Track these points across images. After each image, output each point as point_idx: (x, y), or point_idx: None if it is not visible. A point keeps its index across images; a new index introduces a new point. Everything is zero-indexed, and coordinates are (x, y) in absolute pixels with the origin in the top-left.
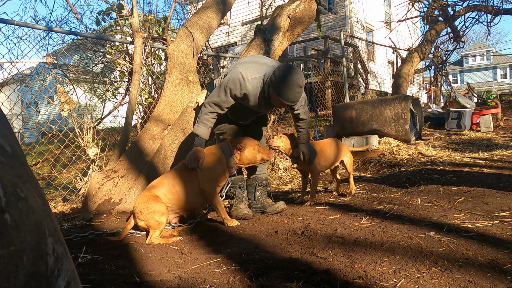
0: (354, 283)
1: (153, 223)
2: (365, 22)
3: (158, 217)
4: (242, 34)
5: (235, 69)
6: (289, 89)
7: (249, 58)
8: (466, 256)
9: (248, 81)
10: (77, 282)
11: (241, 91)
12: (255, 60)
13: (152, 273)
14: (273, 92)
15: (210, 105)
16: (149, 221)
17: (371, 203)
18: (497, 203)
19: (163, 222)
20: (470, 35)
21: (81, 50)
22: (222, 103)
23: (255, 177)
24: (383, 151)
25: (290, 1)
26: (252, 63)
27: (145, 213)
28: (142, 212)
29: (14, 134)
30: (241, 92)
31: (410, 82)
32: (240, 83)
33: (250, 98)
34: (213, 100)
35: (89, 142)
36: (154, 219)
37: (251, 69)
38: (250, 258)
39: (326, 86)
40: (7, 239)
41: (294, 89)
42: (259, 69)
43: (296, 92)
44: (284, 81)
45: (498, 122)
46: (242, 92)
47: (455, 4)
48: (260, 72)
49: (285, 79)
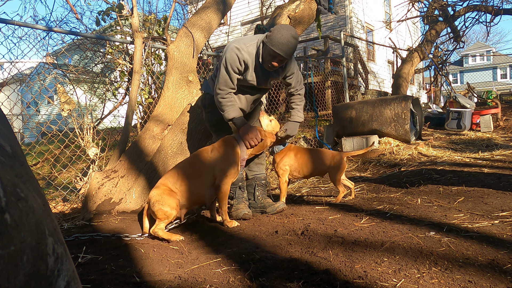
0: (354, 283)
1: (161, 214)
2: (365, 22)
3: (167, 209)
4: (242, 34)
5: (228, 47)
6: (282, 37)
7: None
8: (466, 256)
9: (243, 50)
10: (77, 282)
11: (240, 62)
12: (246, 37)
13: (152, 273)
14: (266, 46)
15: (220, 89)
16: (158, 212)
17: (371, 203)
18: (497, 203)
19: (171, 216)
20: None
21: (81, 50)
22: (228, 80)
23: (254, 178)
24: (383, 151)
25: (290, 1)
26: (243, 38)
27: (156, 204)
28: (154, 203)
29: (14, 134)
30: (240, 62)
31: (410, 82)
32: (237, 55)
33: (249, 67)
34: (219, 85)
35: (89, 142)
36: (163, 211)
37: (243, 40)
38: (250, 258)
39: (326, 86)
40: (7, 239)
41: (287, 38)
42: (252, 38)
43: (289, 42)
44: (277, 31)
45: (498, 122)
46: (241, 62)
47: (455, 4)
48: (253, 40)
49: (279, 30)
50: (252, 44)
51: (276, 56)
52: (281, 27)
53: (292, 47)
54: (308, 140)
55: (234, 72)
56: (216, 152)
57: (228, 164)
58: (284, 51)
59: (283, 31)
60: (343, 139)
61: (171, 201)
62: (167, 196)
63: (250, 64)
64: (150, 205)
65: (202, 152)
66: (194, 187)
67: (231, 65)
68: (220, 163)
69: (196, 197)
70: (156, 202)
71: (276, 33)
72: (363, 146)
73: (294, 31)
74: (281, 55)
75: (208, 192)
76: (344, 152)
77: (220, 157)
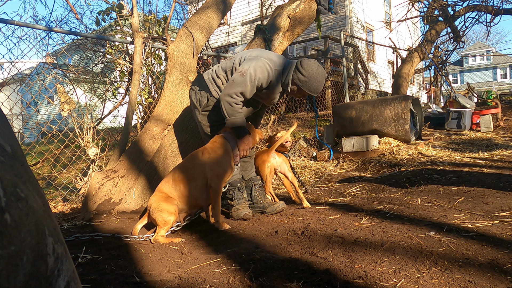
0: (354, 283)
1: (160, 221)
2: (365, 22)
3: (166, 216)
4: (242, 34)
5: (259, 60)
6: (317, 81)
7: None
8: (466, 256)
9: (274, 71)
10: (77, 282)
11: (268, 80)
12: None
13: (152, 273)
14: (301, 87)
15: (237, 95)
16: (157, 219)
17: (371, 203)
18: (497, 203)
19: (170, 221)
20: (470, 35)
21: (81, 50)
22: (248, 92)
23: (250, 179)
24: (383, 151)
25: (290, 1)
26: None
27: (155, 211)
28: (153, 211)
29: (14, 134)
30: (268, 81)
31: (410, 82)
32: (268, 73)
33: (271, 88)
34: (239, 89)
35: (89, 142)
36: (161, 218)
37: (273, 60)
38: (250, 258)
39: (326, 86)
40: (7, 239)
41: (321, 81)
42: (279, 62)
43: (322, 83)
44: (313, 75)
45: (498, 122)
46: (268, 81)
47: (455, 4)
48: (280, 65)
49: (314, 75)
50: (278, 70)
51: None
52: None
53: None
54: (308, 140)
55: (257, 86)
56: (207, 153)
57: (218, 164)
58: (318, 92)
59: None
60: (343, 139)
61: (168, 207)
62: (164, 202)
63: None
64: (150, 212)
65: (194, 154)
66: (189, 190)
67: (260, 78)
68: (211, 164)
69: (193, 201)
70: (154, 210)
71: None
72: (363, 146)
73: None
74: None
75: (203, 195)
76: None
77: (210, 158)
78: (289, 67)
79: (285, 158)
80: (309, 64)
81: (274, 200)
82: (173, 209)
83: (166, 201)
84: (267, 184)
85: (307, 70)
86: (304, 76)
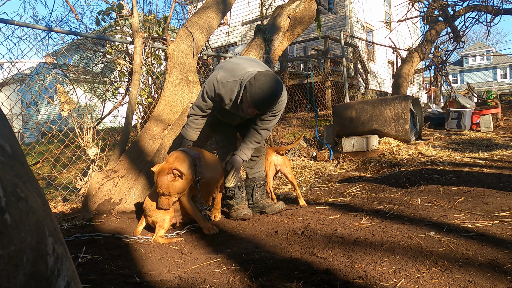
0: (354, 283)
1: (158, 219)
2: (365, 22)
3: (161, 214)
4: (242, 34)
5: (214, 72)
6: (261, 92)
7: (233, 61)
8: (466, 256)
9: (221, 83)
10: (77, 282)
11: (215, 93)
12: (238, 63)
13: (152, 273)
14: (245, 94)
15: (193, 108)
16: (154, 217)
17: (371, 203)
18: (497, 203)
19: (167, 219)
20: (470, 35)
21: (81, 50)
22: (202, 106)
23: (253, 178)
24: (383, 151)
25: (290, 1)
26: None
27: (151, 208)
28: (149, 213)
29: (14, 134)
30: (215, 93)
31: (410, 82)
32: (214, 86)
33: (226, 101)
34: (196, 102)
35: (89, 142)
36: (158, 215)
37: (228, 72)
38: (250, 258)
39: (326, 86)
40: (7, 239)
41: (266, 95)
42: (236, 74)
43: (267, 99)
44: (258, 84)
45: (498, 122)
46: (216, 94)
47: (455, 4)
48: (235, 77)
49: (260, 83)
50: (233, 81)
51: (251, 107)
52: (263, 80)
53: (269, 104)
54: (308, 140)
55: (209, 99)
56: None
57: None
58: (259, 108)
59: (264, 86)
60: (343, 139)
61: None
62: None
63: (226, 98)
64: (146, 214)
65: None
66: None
67: (207, 92)
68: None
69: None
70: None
71: (256, 86)
72: (363, 146)
73: (275, 87)
74: (254, 109)
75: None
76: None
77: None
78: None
79: (286, 159)
80: (268, 73)
81: (271, 197)
82: (170, 208)
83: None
84: (268, 180)
85: (258, 77)
86: (254, 79)
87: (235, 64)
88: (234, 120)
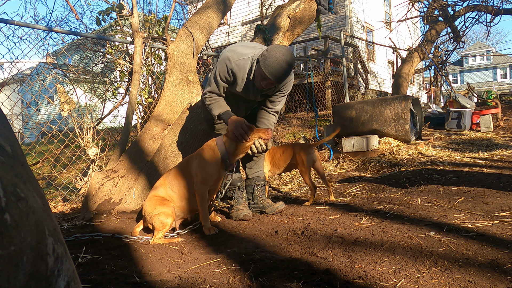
0: (354, 283)
1: (158, 224)
2: (365, 22)
3: (163, 218)
4: (242, 34)
5: (222, 53)
6: (276, 61)
7: (239, 44)
8: (466, 256)
9: (234, 62)
10: (77, 282)
11: (228, 72)
12: (244, 44)
13: (152, 273)
14: (259, 67)
15: (206, 94)
16: (154, 222)
17: (371, 203)
18: (497, 203)
19: (168, 223)
20: (470, 35)
21: (81, 50)
22: (215, 88)
23: (253, 178)
24: (383, 151)
25: (290, 1)
26: (240, 46)
27: (152, 216)
28: (149, 216)
29: (14, 134)
30: (229, 72)
31: (410, 82)
32: (227, 64)
33: (238, 81)
34: (208, 89)
35: (89, 142)
36: (159, 221)
37: (237, 51)
38: (250, 258)
39: (326, 86)
40: (7, 239)
41: (281, 63)
42: (247, 52)
43: (281, 67)
44: (272, 53)
45: (498, 122)
46: (229, 73)
47: (455, 4)
48: (246, 55)
49: (274, 52)
50: (247, 58)
51: (266, 79)
52: (277, 50)
53: (284, 73)
54: (308, 140)
55: (222, 81)
56: (197, 157)
57: (202, 168)
58: (275, 77)
59: (278, 55)
60: (343, 139)
61: (165, 209)
62: (160, 205)
63: (239, 77)
64: (146, 218)
65: (188, 158)
66: (184, 194)
67: (220, 73)
68: (197, 168)
69: (189, 205)
70: (150, 214)
71: (270, 55)
72: (363, 146)
73: (289, 56)
74: (271, 80)
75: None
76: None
77: (198, 162)
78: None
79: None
80: (278, 45)
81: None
82: (170, 211)
83: (162, 203)
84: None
85: (272, 47)
86: (266, 51)
87: (242, 46)
88: (240, 110)
